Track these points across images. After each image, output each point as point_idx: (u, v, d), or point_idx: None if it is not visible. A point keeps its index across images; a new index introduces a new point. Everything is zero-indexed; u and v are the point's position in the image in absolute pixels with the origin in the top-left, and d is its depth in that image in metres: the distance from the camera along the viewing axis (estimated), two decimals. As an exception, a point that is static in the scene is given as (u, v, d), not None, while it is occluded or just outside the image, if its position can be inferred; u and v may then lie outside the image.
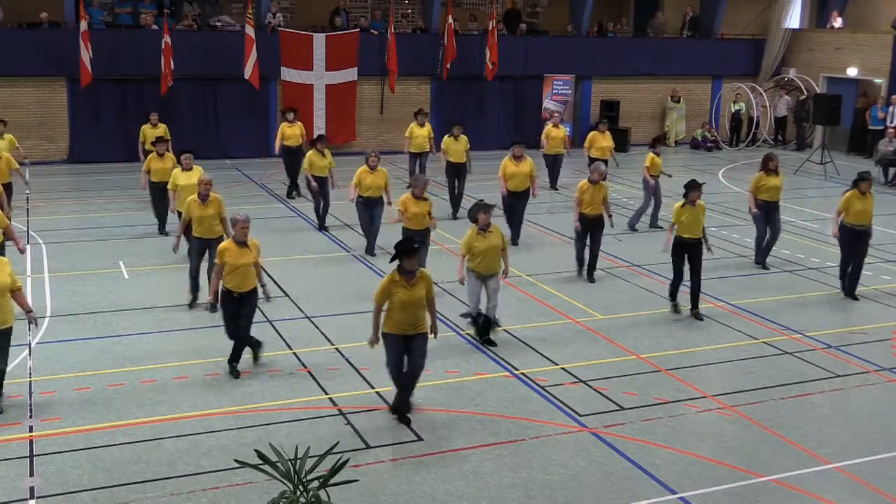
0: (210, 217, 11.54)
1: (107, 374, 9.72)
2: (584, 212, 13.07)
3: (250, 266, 9.52)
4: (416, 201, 12.31)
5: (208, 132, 22.93)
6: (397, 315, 8.55)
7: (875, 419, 9.07)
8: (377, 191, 14.21)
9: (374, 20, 25.37)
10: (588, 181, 13.08)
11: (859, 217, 12.64)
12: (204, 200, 11.51)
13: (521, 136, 18.00)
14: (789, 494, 7.61)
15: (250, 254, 9.52)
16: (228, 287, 9.51)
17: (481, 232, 10.49)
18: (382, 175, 14.28)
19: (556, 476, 7.81)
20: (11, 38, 21.57)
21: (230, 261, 9.43)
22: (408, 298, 8.50)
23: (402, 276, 8.53)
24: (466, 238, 10.61)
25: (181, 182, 13.27)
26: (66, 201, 17.28)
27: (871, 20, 28.05)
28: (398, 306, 8.52)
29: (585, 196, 13.01)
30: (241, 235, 9.48)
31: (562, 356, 10.45)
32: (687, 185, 11.89)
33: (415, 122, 19.03)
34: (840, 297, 12.92)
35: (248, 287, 9.57)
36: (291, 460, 5.97)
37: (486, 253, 10.50)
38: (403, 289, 8.50)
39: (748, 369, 10.27)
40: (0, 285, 8.41)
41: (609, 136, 18.78)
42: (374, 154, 14.30)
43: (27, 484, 7.51)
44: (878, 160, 22.27)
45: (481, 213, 10.45)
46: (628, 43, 27.53)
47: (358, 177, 14.19)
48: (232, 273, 9.46)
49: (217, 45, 23.01)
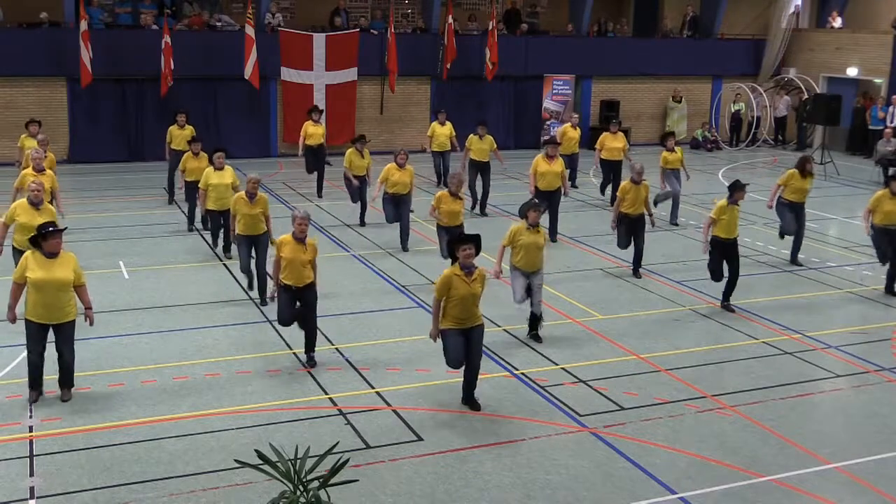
0: (257, 216, 11.88)
1: (107, 374, 9.73)
2: (627, 212, 13.24)
3: (307, 263, 9.76)
4: (452, 199, 12.66)
5: (208, 132, 22.91)
6: (454, 310, 8.76)
7: (875, 419, 9.07)
8: (404, 188, 14.58)
9: (374, 20, 25.37)
10: (630, 181, 13.25)
11: (888, 217, 12.69)
12: (252, 199, 11.83)
13: (521, 136, 18.05)
14: (789, 494, 7.61)
15: (307, 252, 9.75)
16: (287, 282, 9.79)
17: (530, 227, 10.54)
18: (409, 173, 14.69)
19: (556, 476, 7.81)
20: (11, 38, 21.57)
21: (286, 255, 9.68)
22: (466, 293, 8.71)
23: (462, 270, 8.74)
24: (513, 229, 10.64)
25: (213, 181, 13.57)
26: (66, 201, 17.19)
27: (871, 20, 28.05)
28: (456, 301, 8.72)
29: (629, 196, 13.18)
30: (300, 232, 9.71)
31: (562, 356, 10.45)
32: (731, 185, 12.06)
33: (436, 122, 19.45)
34: (840, 296, 12.94)
35: (304, 282, 9.83)
36: (291, 460, 5.96)
37: (528, 248, 10.53)
38: (463, 283, 8.70)
39: (748, 369, 10.27)
40: (62, 281, 8.69)
41: (622, 136, 18.62)
42: (403, 152, 14.71)
43: (27, 484, 7.51)
44: (878, 160, 22.27)
45: (532, 211, 10.53)
46: (628, 43, 27.52)
47: (385, 173, 14.56)
48: (288, 268, 9.71)
49: (217, 45, 23.02)
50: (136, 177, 20.94)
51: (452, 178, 12.84)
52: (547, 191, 15.14)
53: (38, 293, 8.66)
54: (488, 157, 17.70)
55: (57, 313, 8.77)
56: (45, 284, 8.62)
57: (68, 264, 8.80)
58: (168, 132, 17.90)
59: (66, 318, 8.85)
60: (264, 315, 11.55)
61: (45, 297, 8.66)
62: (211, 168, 13.78)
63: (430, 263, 13.92)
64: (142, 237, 15.47)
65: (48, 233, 8.66)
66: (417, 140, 25.00)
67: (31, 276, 8.63)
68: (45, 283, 8.61)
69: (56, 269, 8.69)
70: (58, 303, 8.73)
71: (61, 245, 8.82)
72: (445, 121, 19.29)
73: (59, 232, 8.81)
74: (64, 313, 8.81)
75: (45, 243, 8.65)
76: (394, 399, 9.25)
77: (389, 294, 12.61)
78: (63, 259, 8.79)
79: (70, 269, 8.77)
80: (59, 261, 8.74)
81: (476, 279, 8.79)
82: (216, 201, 13.58)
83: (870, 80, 26.14)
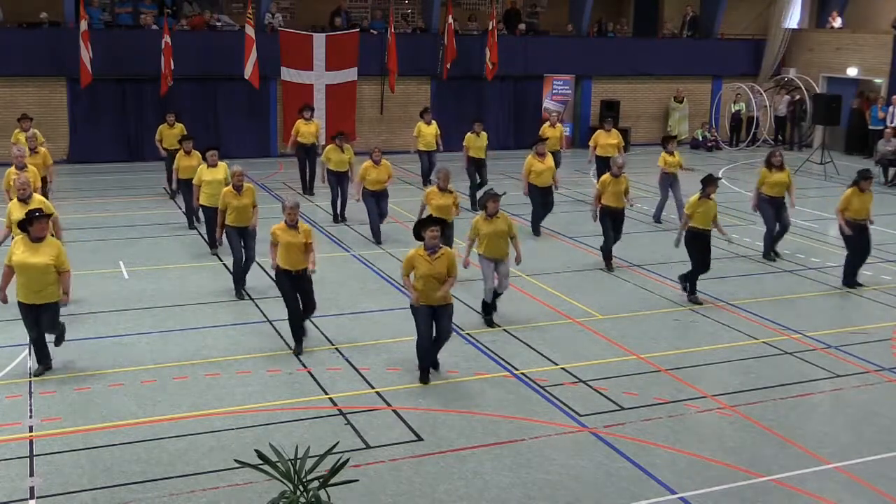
0: (246, 207, 12.17)
1: (107, 374, 9.73)
2: (609, 204, 13.65)
3: (301, 245, 10.19)
4: (441, 193, 12.77)
5: (208, 132, 22.93)
6: (420, 286, 9.34)
7: (875, 419, 9.07)
8: (381, 185, 14.99)
9: (374, 20, 25.37)
10: (609, 174, 13.70)
11: (857, 213, 13.17)
12: (239, 191, 12.09)
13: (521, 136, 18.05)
14: (789, 494, 7.61)
15: (299, 235, 10.18)
16: (284, 266, 10.20)
17: (488, 218, 11.00)
18: (386, 168, 15.06)
19: (556, 476, 7.81)
20: (11, 38, 21.57)
21: (282, 239, 10.14)
22: (429, 272, 9.27)
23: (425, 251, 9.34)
24: (474, 222, 11.20)
25: (206, 178, 13.78)
26: (66, 201, 17.26)
27: (871, 20, 28.05)
28: (420, 279, 9.30)
29: (609, 189, 13.61)
30: (291, 220, 10.15)
31: (562, 356, 10.45)
32: (704, 179, 12.41)
33: (422, 121, 19.45)
34: (840, 296, 12.95)
35: (301, 266, 10.27)
36: (291, 460, 5.96)
37: (490, 237, 11.03)
38: (426, 262, 9.30)
39: (748, 369, 10.27)
40: (41, 265, 9.11)
41: (616, 133, 18.69)
42: (377, 150, 15.15)
43: (27, 484, 7.51)
44: (878, 160, 22.27)
45: (490, 202, 11.01)
46: (628, 43, 27.51)
47: (363, 171, 14.93)
48: (285, 252, 10.14)
49: (217, 45, 23.01)
50: (136, 177, 20.94)
51: (439, 173, 12.94)
52: (544, 187, 15.60)
53: (21, 275, 9.18)
54: (484, 153, 17.95)
55: (39, 294, 9.21)
56: (26, 267, 9.12)
57: (51, 250, 9.23)
58: (158, 131, 18.22)
59: (47, 300, 9.28)
60: (264, 315, 11.55)
61: (27, 279, 9.16)
62: (204, 165, 13.97)
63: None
64: (142, 237, 15.47)
65: (34, 217, 9.18)
66: (417, 140, 25.03)
67: (15, 259, 9.16)
68: (26, 266, 9.12)
69: (38, 253, 9.15)
70: (38, 285, 9.17)
71: (47, 230, 9.34)
72: (431, 120, 19.39)
73: (46, 217, 9.33)
74: (44, 295, 9.24)
75: (31, 228, 9.16)
76: (394, 399, 9.25)
77: (389, 294, 12.61)
78: (48, 244, 9.26)
79: (51, 255, 9.18)
80: (43, 246, 9.20)
81: (440, 258, 9.32)
82: (210, 197, 13.67)
83: (870, 79, 26.14)
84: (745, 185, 20.25)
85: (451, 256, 9.51)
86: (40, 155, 15.14)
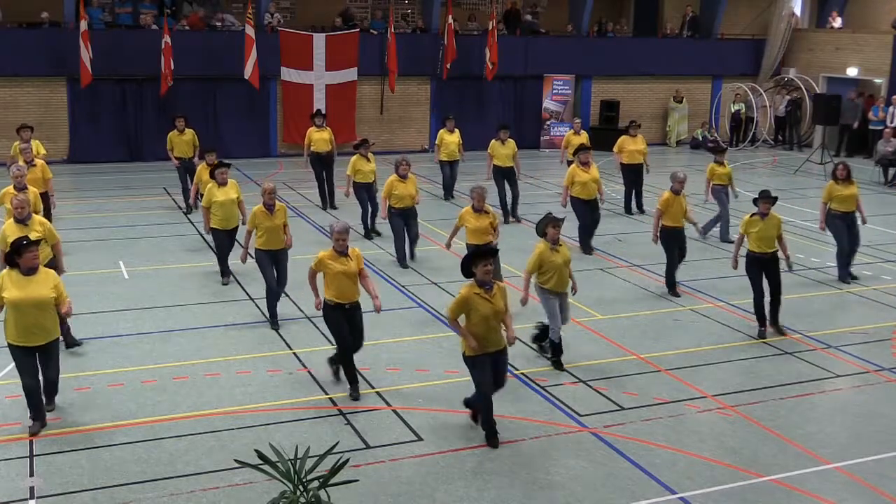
0: (277, 228, 11.00)
1: (107, 374, 9.73)
2: (669, 225, 12.53)
3: (354, 275, 9.07)
4: (477, 215, 11.61)
5: (208, 132, 22.93)
6: (477, 331, 8.06)
7: (875, 419, 9.07)
8: (410, 200, 13.60)
9: (374, 20, 25.37)
10: (670, 192, 12.50)
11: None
12: (271, 210, 10.93)
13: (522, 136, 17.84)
14: (789, 494, 7.61)
15: (351, 262, 9.04)
16: (333, 298, 9.04)
17: (554, 247, 9.83)
18: (413, 183, 13.69)
19: (556, 476, 7.81)
20: (11, 38, 21.58)
21: (332, 270, 8.98)
22: (489, 312, 8.04)
23: (480, 287, 8.09)
24: (537, 254, 9.80)
25: (219, 198, 12.43)
26: (66, 201, 17.26)
27: (871, 20, 28.05)
28: (478, 321, 8.05)
29: (671, 209, 12.46)
30: (340, 246, 9.00)
31: (562, 356, 10.43)
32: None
33: (444, 129, 18.33)
34: (839, 295, 12.95)
35: (355, 297, 9.14)
36: (291, 460, 5.97)
37: (560, 269, 9.82)
38: (484, 301, 8.05)
39: (748, 369, 10.27)
40: (40, 299, 8.12)
41: (642, 138, 17.82)
42: (405, 162, 13.64)
43: (27, 484, 7.51)
44: (878, 160, 22.27)
45: (550, 227, 9.76)
46: (628, 43, 27.52)
47: (389, 187, 13.52)
48: (336, 284, 9.00)
49: (217, 45, 23.02)
50: (136, 177, 20.95)
51: (473, 193, 11.65)
52: (589, 199, 14.44)
53: (16, 313, 8.07)
54: (511, 161, 16.73)
55: (39, 335, 8.18)
56: (22, 304, 8.03)
57: (47, 282, 8.22)
58: (168, 139, 17.12)
59: (49, 339, 8.28)
60: (264, 315, 11.54)
61: (24, 317, 8.06)
62: (213, 183, 12.56)
63: (430, 263, 13.93)
64: (141, 237, 15.47)
65: (21, 247, 8.07)
66: (417, 140, 25.05)
67: (8, 296, 8.03)
68: (22, 303, 8.03)
69: (34, 287, 8.10)
70: (38, 323, 8.13)
71: (38, 259, 8.24)
72: (454, 128, 18.30)
73: (35, 244, 8.25)
74: (46, 334, 8.23)
75: (21, 259, 8.06)
76: (394, 399, 9.25)
77: (390, 294, 12.59)
78: (42, 276, 8.22)
79: (49, 287, 8.19)
80: (37, 278, 8.16)
81: (496, 294, 8.14)
82: (222, 220, 12.48)
83: (870, 79, 26.14)
84: (745, 184, 20.21)
85: (505, 290, 8.34)
86: (38, 168, 13.92)
